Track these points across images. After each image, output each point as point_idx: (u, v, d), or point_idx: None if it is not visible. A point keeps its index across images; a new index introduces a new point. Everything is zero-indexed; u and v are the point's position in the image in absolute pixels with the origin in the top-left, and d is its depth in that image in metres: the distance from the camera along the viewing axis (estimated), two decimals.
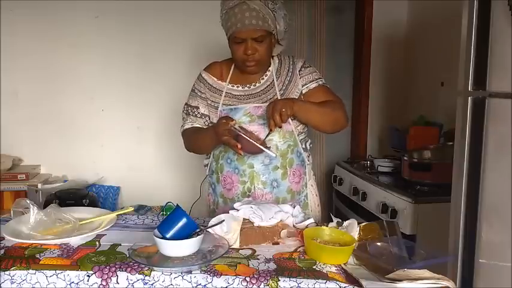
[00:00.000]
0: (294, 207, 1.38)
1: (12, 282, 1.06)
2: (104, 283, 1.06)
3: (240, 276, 1.05)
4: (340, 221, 1.33)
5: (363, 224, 1.29)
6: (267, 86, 1.65)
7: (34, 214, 1.29)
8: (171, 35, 3.02)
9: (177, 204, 1.20)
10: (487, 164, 1.44)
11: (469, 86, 1.49)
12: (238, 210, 1.30)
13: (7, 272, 1.07)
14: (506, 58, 1.35)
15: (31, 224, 1.28)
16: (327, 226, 1.29)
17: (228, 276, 1.05)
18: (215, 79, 1.68)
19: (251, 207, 1.29)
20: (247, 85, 1.66)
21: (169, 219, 1.15)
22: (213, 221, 1.25)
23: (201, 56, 2.86)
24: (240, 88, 1.66)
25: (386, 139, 3.22)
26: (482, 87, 1.45)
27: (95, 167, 3.03)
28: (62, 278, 1.06)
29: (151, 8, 2.96)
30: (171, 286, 1.05)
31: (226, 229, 1.23)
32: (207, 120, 1.68)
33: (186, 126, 1.70)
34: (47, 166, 3.00)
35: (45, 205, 1.41)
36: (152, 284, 1.05)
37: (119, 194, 3.07)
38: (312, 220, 1.36)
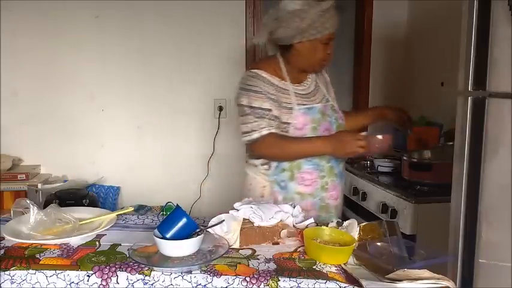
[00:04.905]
0: (294, 207, 1.38)
1: (12, 282, 1.06)
2: (104, 283, 1.06)
3: (240, 276, 1.05)
4: (340, 221, 1.33)
5: (363, 224, 1.29)
6: (314, 84, 1.73)
7: (34, 214, 1.29)
8: (171, 30, 3.01)
9: (177, 204, 1.20)
10: (487, 164, 1.44)
11: (469, 86, 1.49)
12: (238, 210, 1.30)
13: (7, 272, 1.07)
14: (506, 58, 1.35)
15: (31, 224, 1.28)
16: (327, 226, 1.30)
17: (228, 276, 1.05)
18: (277, 79, 1.65)
19: (251, 207, 1.29)
20: (301, 83, 1.70)
21: (169, 219, 1.15)
22: (213, 221, 1.26)
23: (201, 51, 2.87)
24: (300, 87, 1.69)
25: None
26: (482, 87, 1.45)
27: (94, 167, 3.03)
28: (62, 278, 1.06)
29: (152, 4, 2.95)
30: (171, 286, 1.05)
31: (226, 229, 1.23)
32: (277, 123, 1.61)
33: (265, 132, 1.58)
34: (47, 166, 2.99)
35: (45, 205, 1.41)
36: (152, 284, 1.05)
37: (119, 194, 3.06)
38: (312, 220, 1.36)
